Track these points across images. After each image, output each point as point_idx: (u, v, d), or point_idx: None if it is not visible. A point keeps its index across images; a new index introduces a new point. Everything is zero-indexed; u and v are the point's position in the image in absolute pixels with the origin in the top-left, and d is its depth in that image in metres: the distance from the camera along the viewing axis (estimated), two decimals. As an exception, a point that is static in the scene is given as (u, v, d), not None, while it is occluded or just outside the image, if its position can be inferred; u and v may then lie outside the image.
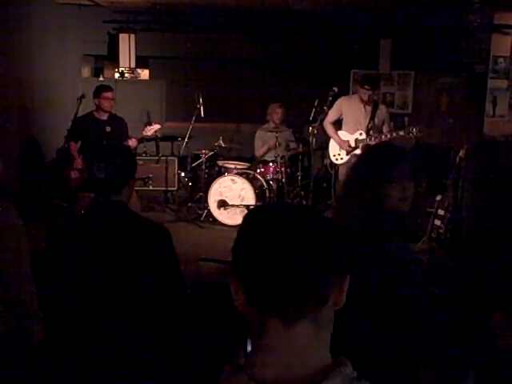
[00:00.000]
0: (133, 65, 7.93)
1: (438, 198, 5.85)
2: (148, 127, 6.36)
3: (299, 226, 0.89)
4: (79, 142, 5.84)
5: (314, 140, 5.87)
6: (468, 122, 7.68)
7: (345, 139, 5.60)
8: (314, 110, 5.78)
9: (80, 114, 5.86)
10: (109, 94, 5.79)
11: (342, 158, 5.60)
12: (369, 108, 5.55)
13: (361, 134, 5.52)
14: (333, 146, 5.65)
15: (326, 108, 5.66)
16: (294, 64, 8.15)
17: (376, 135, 5.46)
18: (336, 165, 5.75)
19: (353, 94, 5.68)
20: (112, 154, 2.20)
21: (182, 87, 8.21)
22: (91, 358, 2.01)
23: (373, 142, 5.36)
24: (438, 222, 5.72)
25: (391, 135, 5.44)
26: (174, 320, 2.14)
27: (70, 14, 7.58)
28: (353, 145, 5.52)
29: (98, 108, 5.79)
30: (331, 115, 5.61)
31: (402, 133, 5.43)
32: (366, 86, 5.44)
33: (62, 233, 2.20)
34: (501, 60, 7.37)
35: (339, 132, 5.63)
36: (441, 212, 5.74)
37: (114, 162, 2.15)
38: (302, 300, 0.86)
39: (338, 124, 5.75)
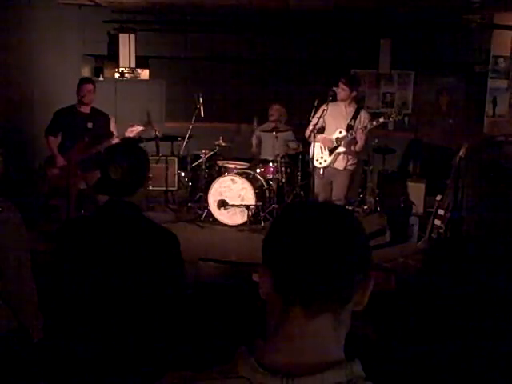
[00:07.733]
0: (133, 65, 7.92)
1: (438, 198, 5.85)
2: (130, 128, 6.25)
3: (334, 222, 0.92)
4: (59, 138, 5.69)
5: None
6: (468, 122, 7.68)
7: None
8: (313, 109, 5.77)
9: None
10: (87, 87, 5.64)
11: (325, 161, 5.56)
12: (350, 110, 5.51)
13: (340, 132, 5.46)
14: (315, 150, 5.55)
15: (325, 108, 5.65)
16: (294, 64, 8.14)
17: (356, 130, 5.37)
18: (316, 168, 5.61)
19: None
20: (127, 155, 2.16)
21: (182, 87, 8.21)
22: (93, 356, 2.01)
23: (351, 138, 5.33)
24: (438, 222, 5.72)
25: (371, 124, 5.36)
26: (174, 321, 2.14)
27: (70, 13, 7.58)
28: (334, 144, 5.49)
29: (79, 101, 5.66)
30: (314, 122, 5.54)
31: (381, 119, 5.37)
32: (342, 80, 5.42)
33: (71, 232, 2.19)
34: (501, 60, 7.36)
35: (320, 135, 5.58)
36: (441, 212, 5.73)
37: (129, 163, 2.12)
38: (327, 293, 0.89)
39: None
